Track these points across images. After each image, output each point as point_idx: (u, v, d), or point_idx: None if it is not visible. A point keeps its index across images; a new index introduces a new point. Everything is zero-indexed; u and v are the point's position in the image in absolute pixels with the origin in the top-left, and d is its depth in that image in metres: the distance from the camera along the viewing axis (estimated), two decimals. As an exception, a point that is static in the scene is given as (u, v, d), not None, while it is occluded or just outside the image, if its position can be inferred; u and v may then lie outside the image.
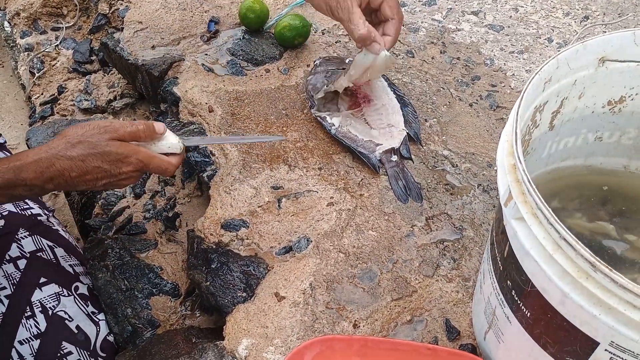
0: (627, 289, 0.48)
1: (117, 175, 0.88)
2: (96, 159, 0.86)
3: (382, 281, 0.89)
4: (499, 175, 0.61)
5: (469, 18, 1.33)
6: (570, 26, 1.30)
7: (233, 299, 0.89)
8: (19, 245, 1.00)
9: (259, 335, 0.84)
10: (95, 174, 0.87)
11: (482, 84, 1.19)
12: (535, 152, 0.76)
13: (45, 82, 1.52)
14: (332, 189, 1.00)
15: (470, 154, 1.06)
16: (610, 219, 0.77)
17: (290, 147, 1.07)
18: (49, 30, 1.60)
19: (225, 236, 0.96)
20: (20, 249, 1.00)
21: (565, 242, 0.51)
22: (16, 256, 0.99)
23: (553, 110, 0.71)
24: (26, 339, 0.94)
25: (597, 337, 0.55)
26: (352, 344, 0.79)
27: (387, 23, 0.97)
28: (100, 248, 1.06)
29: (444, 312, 0.86)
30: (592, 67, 0.69)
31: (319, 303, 0.86)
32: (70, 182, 0.86)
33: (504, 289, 0.66)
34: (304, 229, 0.96)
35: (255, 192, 1.01)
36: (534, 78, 0.63)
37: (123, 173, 0.88)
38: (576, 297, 0.52)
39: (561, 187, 0.81)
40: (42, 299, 0.97)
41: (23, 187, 0.83)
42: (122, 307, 1.01)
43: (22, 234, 1.02)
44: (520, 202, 0.56)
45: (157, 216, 1.15)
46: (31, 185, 0.84)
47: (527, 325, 0.64)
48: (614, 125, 0.77)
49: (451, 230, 0.95)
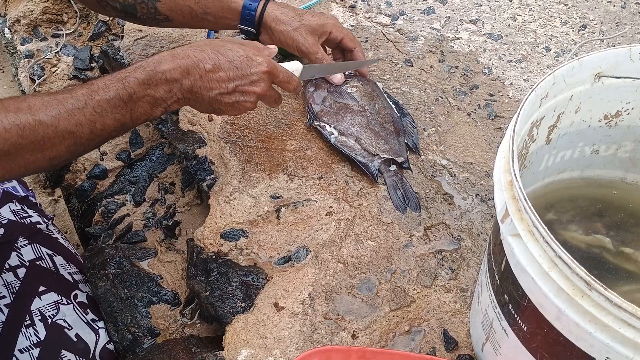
0: (621, 308, 0.49)
1: (249, 75, 0.89)
2: (228, 51, 0.88)
3: (381, 291, 0.90)
4: (496, 191, 0.62)
5: (467, 27, 1.34)
6: (568, 35, 1.31)
7: (232, 309, 0.90)
8: (19, 254, 1.00)
9: (258, 345, 0.84)
10: (227, 70, 0.88)
11: (480, 93, 1.19)
12: (532, 165, 0.76)
13: (46, 89, 1.52)
14: (331, 199, 1.01)
15: (468, 163, 1.06)
16: (606, 232, 0.78)
17: (289, 156, 1.07)
18: (49, 37, 1.60)
19: (225, 246, 0.96)
20: (19, 258, 1.00)
21: (560, 260, 0.52)
22: (16, 265, 0.99)
23: (550, 124, 0.72)
24: (26, 348, 0.94)
25: (593, 353, 0.55)
26: (351, 354, 0.80)
27: (351, 53, 1.13)
28: (100, 256, 1.07)
29: (442, 323, 0.87)
30: (588, 82, 0.70)
31: (317, 313, 0.87)
32: (204, 80, 0.87)
33: (501, 302, 0.67)
34: (303, 238, 0.96)
35: (254, 201, 1.01)
36: (531, 94, 0.63)
37: (254, 74, 0.90)
38: (572, 314, 0.53)
39: (557, 199, 0.82)
40: (41, 308, 0.97)
41: (162, 84, 0.83)
42: (122, 316, 1.01)
43: (22, 243, 1.02)
44: (517, 220, 0.57)
45: (157, 224, 1.15)
46: (170, 79, 0.84)
47: (524, 339, 0.64)
48: (611, 138, 0.78)
49: (449, 241, 0.96)
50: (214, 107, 0.91)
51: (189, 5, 1.08)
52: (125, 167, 1.30)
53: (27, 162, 0.74)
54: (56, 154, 0.76)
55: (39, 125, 0.74)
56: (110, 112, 0.79)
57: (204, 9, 1.09)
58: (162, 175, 1.25)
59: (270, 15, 1.08)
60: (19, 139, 0.72)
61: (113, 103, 0.80)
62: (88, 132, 0.78)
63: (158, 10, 1.10)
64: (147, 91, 0.83)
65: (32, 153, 0.74)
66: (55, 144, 0.75)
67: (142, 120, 0.85)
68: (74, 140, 0.77)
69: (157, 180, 1.24)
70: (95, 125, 0.78)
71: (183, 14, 1.10)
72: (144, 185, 1.24)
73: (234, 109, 0.93)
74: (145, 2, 1.09)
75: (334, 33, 1.10)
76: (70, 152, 0.78)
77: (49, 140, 0.75)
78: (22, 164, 0.74)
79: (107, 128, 0.80)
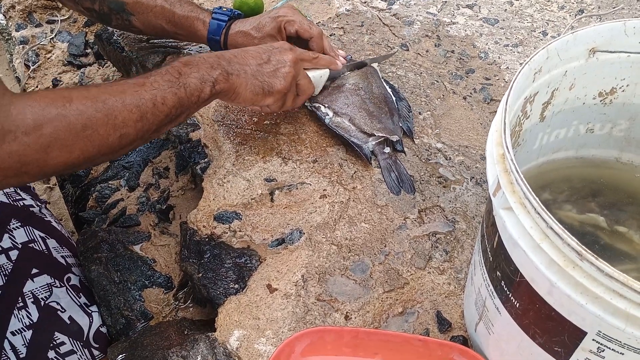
0: (613, 278, 0.48)
1: (275, 49, 0.97)
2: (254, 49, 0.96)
3: (374, 273, 0.89)
4: (488, 165, 0.61)
5: (463, 11, 1.33)
6: (565, 20, 1.30)
7: (225, 291, 0.89)
8: (11, 236, 1.00)
9: (250, 326, 0.84)
10: (255, 50, 0.96)
11: (476, 77, 1.19)
12: (526, 143, 0.76)
13: (40, 75, 1.52)
14: (326, 182, 1.00)
15: (464, 147, 1.06)
16: (600, 211, 0.77)
17: (283, 139, 1.07)
18: (44, 23, 1.60)
19: (218, 228, 0.96)
20: (12, 240, 0.99)
21: (552, 231, 0.51)
22: (8, 247, 0.99)
23: (544, 101, 0.71)
24: (18, 330, 0.94)
25: (585, 327, 0.55)
26: (343, 335, 0.79)
27: (310, 41, 1.11)
28: (94, 240, 1.06)
29: (436, 304, 0.86)
30: (582, 58, 0.69)
31: (310, 295, 0.86)
32: (239, 57, 0.93)
33: (494, 280, 0.66)
34: (296, 221, 0.96)
35: (248, 184, 1.01)
36: (524, 68, 0.63)
37: (278, 47, 0.97)
38: (563, 286, 0.52)
39: (552, 179, 0.81)
40: (34, 290, 0.97)
41: (203, 63, 0.88)
42: (115, 299, 1.01)
43: (14, 225, 1.01)
44: (509, 192, 0.56)
45: (150, 209, 1.15)
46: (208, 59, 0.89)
47: (516, 316, 0.64)
48: (605, 116, 0.77)
49: (443, 223, 0.95)
50: (259, 80, 0.93)
51: (160, 24, 1.13)
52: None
53: (101, 140, 0.74)
54: (126, 131, 0.76)
55: (109, 97, 0.75)
56: (166, 86, 0.81)
57: (174, 30, 1.14)
58: (156, 160, 1.25)
59: (233, 43, 1.11)
60: (94, 112, 0.72)
61: (167, 78, 0.82)
62: (151, 106, 0.79)
63: (132, 23, 1.15)
64: (191, 69, 0.86)
65: (105, 127, 0.74)
66: (125, 118, 0.76)
67: (196, 99, 0.86)
68: (140, 114, 0.78)
69: (151, 165, 1.24)
70: (157, 99, 0.80)
71: (156, 30, 1.15)
72: (138, 170, 1.23)
73: (277, 77, 0.95)
74: (120, 15, 1.13)
75: (288, 28, 1.10)
76: (137, 131, 0.78)
77: (120, 113, 0.75)
78: (97, 143, 0.74)
79: (168, 102, 0.81)
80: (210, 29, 1.11)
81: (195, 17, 1.11)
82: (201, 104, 0.87)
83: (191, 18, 1.11)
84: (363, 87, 1.08)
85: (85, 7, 1.15)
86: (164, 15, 1.11)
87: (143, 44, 1.27)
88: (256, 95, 0.93)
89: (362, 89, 1.08)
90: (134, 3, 1.11)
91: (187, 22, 1.11)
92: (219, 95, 0.90)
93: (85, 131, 0.72)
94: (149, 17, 1.12)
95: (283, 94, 0.96)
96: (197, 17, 1.11)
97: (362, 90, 1.08)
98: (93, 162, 0.78)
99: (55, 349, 0.95)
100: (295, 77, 0.97)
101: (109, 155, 0.78)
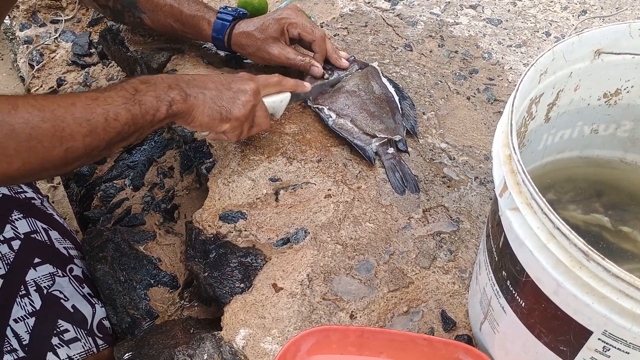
0: (619, 278, 0.48)
1: (237, 78, 0.95)
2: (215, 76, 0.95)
3: (379, 272, 0.90)
4: (495, 166, 0.61)
5: (467, 12, 1.33)
6: (568, 20, 1.30)
7: (231, 290, 0.90)
8: (13, 227, 1.00)
9: (256, 325, 0.84)
10: (216, 77, 0.94)
11: (479, 77, 1.19)
12: (531, 144, 0.76)
13: (45, 75, 1.52)
14: (330, 181, 1.01)
15: (468, 147, 1.06)
16: (605, 211, 0.78)
17: (288, 139, 1.07)
18: (48, 23, 1.60)
19: (224, 228, 0.96)
20: (14, 230, 1.00)
21: (558, 232, 0.52)
22: (10, 237, 0.99)
23: (549, 102, 0.72)
24: (21, 317, 0.94)
25: (591, 326, 0.55)
26: (349, 334, 0.80)
27: (312, 44, 1.12)
28: (99, 239, 1.07)
29: (440, 304, 0.86)
30: (587, 59, 0.70)
31: (316, 294, 0.87)
32: (198, 81, 0.91)
33: (499, 279, 0.67)
34: (301, 220, 0.96)
35: (253, 184, 1.01)
36: (530, 70, 0.63)
37: (240, 77, 0.96)
38: (569, 286, 0.53)
39: (557, 179, 0.81)
40: (36, 279, 0.97)
41: (161, 82, 0.86)
42: (121, 298, 1.01)
43: (17, 216, 1.02)
44: (515, 193, 0.57)
45: (155, 208, 1.15)
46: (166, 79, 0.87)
47: (521, 315, 0.64)
48: (610, 117, 0.78)
49: (448, 223, 0.96)
50: (217, 105, 0.90)
51: (169, 22, 1.15)
52: (124, 152, 1.30)
53: (45, 152, 0.71)
54: (73, 145, 0.73)
55: (57, 107, 0.72)
56: (120, 102, 0.79)
57: (182, 28, 1.15)
58: (160, 159, 1.25)
59: (237, 43, 1.13)
60: (40, 122, 0.69)
61: (121, 94, 0.80)
62: (103, 121, 0.76)
63: (143, 21, 1.17)
64: (148, 87, 0.84)
65: (51, 139, 0.71)
66: (73, 131, 0.73)
67: (151, 118, 0.83)
68: (90, 128, 0.75)
69: (155, 165, 1.24)
70: (109, 114, 0.77)
71: (165, 28, 1.17)
72: (143, 169, 1.24)
73: (236, 104, 0.92)
74: (132, 12, 1.16)
75: (290, 31, 1.11)
76: (85, 146, 0.75)
77: (67, 126, 0.72)
78: (40, 155, 0.70)
79: (120, 119, 0.78)
80: (214, 28, 1.11)
81: (201, 17, 1.12)
82: (156, 124, 0.84)
83: (197, 17, 1.12)
84: (363, 88, 1.09)
85: (100, 3, 1.18)
86: (173, 13, 1.12)
87: (148, 44, 1.27)
88: (213, 120, 0.90)
89: (363, 90, 1.09)
90: (145, 1, 1.13)
91: (194, 21, 1.12)
92: (175, 117, 0.87)
93: (30, 142, 0.68)
94: (158, 16, 1.14)
95: (241, 121, 0.93)
96: (203, 17, 1.12)
97: (362, 91, 1.08)
98: (32, 177, 0.75)
99: (59, 336, 0.95)
100: (254, 106, 0.95)
101: (51, 171, 0.75)
